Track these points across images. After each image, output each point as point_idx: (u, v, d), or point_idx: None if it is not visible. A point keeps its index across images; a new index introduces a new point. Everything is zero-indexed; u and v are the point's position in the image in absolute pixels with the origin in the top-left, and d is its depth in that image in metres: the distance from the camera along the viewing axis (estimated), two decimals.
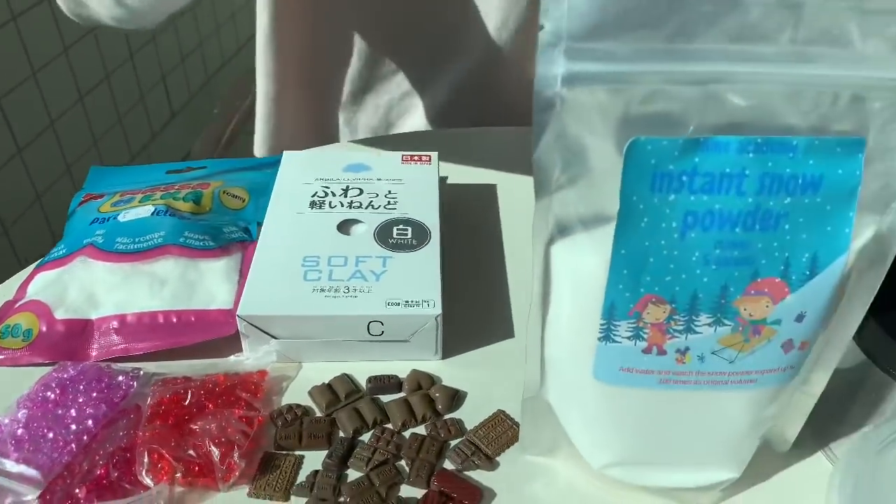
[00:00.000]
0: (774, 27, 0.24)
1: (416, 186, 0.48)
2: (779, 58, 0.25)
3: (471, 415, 0.38)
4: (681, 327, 0.29)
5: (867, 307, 0.31)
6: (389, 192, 0.47)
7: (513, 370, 0.38)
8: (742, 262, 0.28)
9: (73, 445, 0.34)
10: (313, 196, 0.46)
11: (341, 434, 0.37)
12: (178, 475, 0.34)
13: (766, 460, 0.36)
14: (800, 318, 0.29)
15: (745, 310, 0.29)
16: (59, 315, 0.41)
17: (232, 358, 0.40)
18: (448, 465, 0.36)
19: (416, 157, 0.50)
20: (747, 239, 0.27)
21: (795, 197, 0.27)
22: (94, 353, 0.40)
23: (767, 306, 0.29)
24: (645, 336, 0.29)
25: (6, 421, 0.35)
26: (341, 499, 0.34)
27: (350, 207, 0.45)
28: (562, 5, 0.24)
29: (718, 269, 0.28)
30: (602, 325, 0.29)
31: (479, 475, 0.36)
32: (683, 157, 0.26)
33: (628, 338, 0.29)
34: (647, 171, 0.26)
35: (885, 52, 0.25)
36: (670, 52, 0.24)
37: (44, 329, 0.41)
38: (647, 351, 0.30)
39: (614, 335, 0.29)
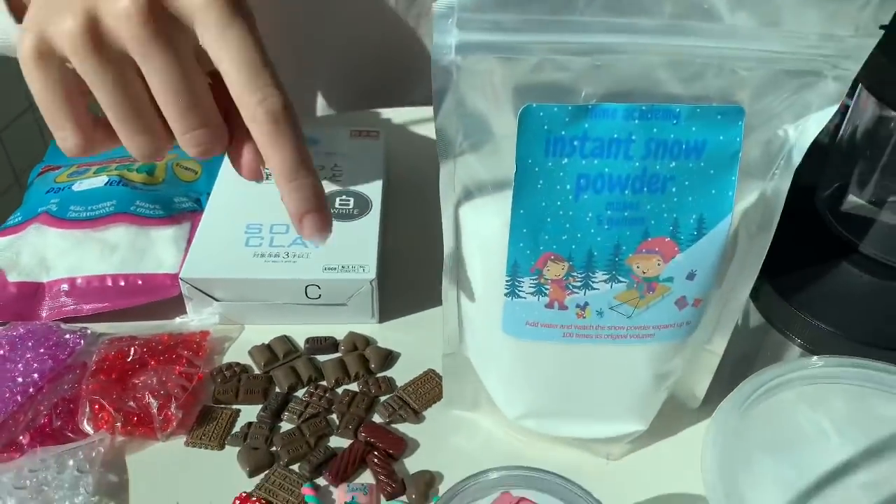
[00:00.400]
0: (653, 1, 0.27)
1: (363, 160, 0.50)
2: (657, 30, 0.27)
3: (402, 374, 0.41)
4: (579, 283, 0.31)
5: (758, 269, 0.34)
6: (336, 165, 0.49)
7: None
8: (633, 222, 0.30)
9: (19, 397, 0.37)
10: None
11: (277, 390, 0.40)
12: (119, 425, 0.36)
13: (678, 415, 0.39)
14: (691, 276, 0.32)
15: (637, 267, 0.31)
16: (12, 278, 0.43)
17: (177, 320, 0.43)
18: (377, 418, 0.39)
19: (364, 133, 0.53)
20: (637, 201, 0.30)
21: (680, 161, 0.29)
22: (44, 314, 0.42)
23: (659, 264, 0.31)
24: (546, 292, 0.32)
25: None
26: (272, 448, 0.37)
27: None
28: None
29: (611, 229, 0.30)
30: (507, 281, 0.32)
31: (405, 428, 0.38)
32: (574, 123, 0.28)
33: (531, 293, 0.32)
34: (540, 136, 0.29)
35: (754, 26, 0.27)
36: (556, 24, 0.27)
37: None
38: (549, 306, 0.32)
39: (519, 291, 0.32)
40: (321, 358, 0.41)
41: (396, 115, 0.62)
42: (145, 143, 0.32)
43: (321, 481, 0.35)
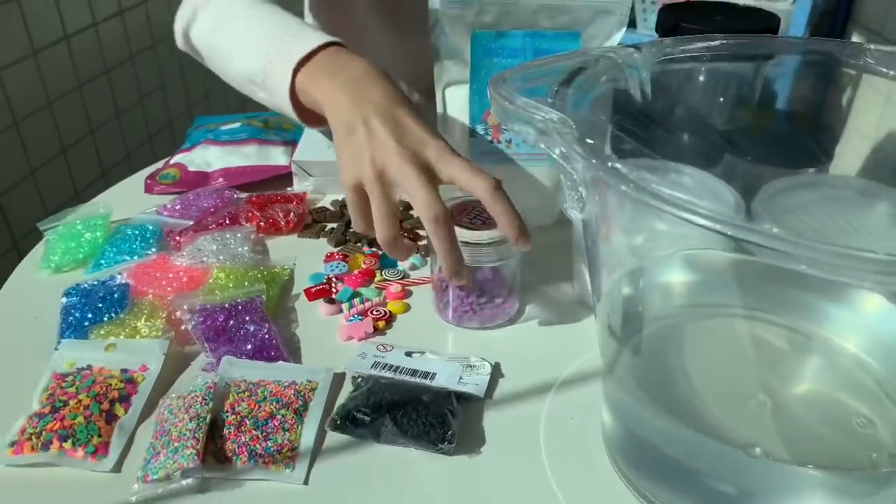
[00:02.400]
0: None
1: None
2: None
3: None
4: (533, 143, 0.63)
5: None
6: None
7: None
8: None
9: (210, 208, 0.69)
10: None
11: (345, 216, 0.72)
12: (261, 224, 0.68)
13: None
14: None
15: None
16: (192, 168, 0.77)
17: (288, 189, 0.75)
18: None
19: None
20: None
21: (566, 54, 0.62)
22: (212, 186, 0.75)
23: None
24: (490, 132, 0.64)
25: (177, 206, 0.70)
26: (346, 238, 0.68)
27: None
28: None
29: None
30: (471, 127, 0.64)
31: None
32: (497, 40, 0.62)
33: (482, 133, 0.64)
34: (480, 47, 0.62)
35: None
36: None
37: (182, 175, 0.76)
38: (491, 141, 0.64)
39: (476, 133, 0.64)
40: None
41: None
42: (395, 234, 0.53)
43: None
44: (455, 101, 0.65)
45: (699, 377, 0.46)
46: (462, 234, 0.54)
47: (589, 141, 0.34)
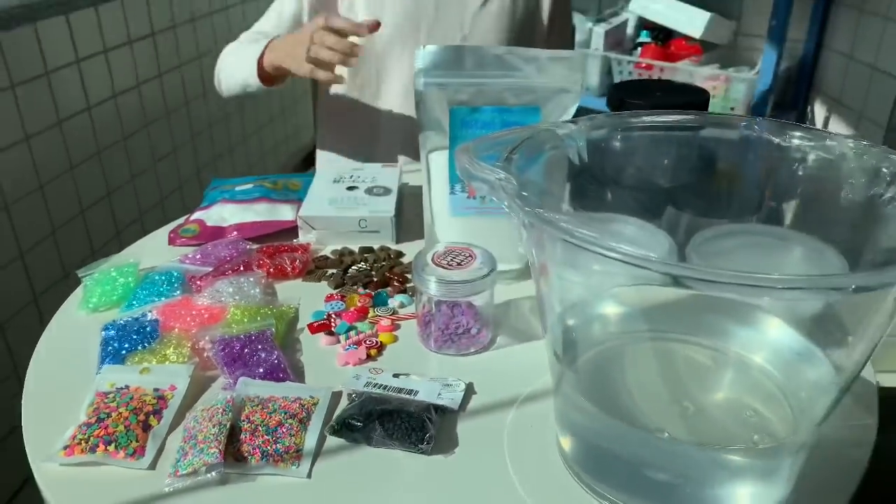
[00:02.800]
0: (499, 66, 0.74)
1: (387, 176, 0.96)
2: (502, 76, 0.74)
3: (411, 254, 0.84)
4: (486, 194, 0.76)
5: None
6: (374, 177, 0.95)
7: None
8: None
9: (219, 263, 0.81)
10: (336, 180, 0.95)
11: (344, 263, 0.83)
12: (271, 270, 0.80)
13: None
14: None
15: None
16: (210, 224, 0.89)
17: (294, 241, 0.87)
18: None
19: (388, 165, 0.99)
20: None
21: (516, 126, 0.74)
22: (228, 238, 0.87)
23: None
24: (466, 190, 0.76)
25: (198, 256, 0.82)
26: (343, 282, 0.79)
27: (352, 181, 0.94)
28: (422, 60, 0.74)
29: (493, 158, 0.75)
30: (450, 186, 0.76)
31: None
32: (471, 115, 0.74)
33: (460, 191, 0.76)
34: (457, 120, 0.74)
35: (541, 74, 0.73)
36: (459, 75, 0.74)
37: (202, 230, 0.88)
38: (468, 197, 0.76)
39: (454, 190, 0.76)
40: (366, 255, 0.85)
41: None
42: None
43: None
44: (437, 164, 0.77)
45: (633, 389, 0.56)
46: (441, 273, 0.66)
47: (524, 193, 0.46)
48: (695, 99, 0.80)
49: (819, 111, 1.89)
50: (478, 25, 1.16)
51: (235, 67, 1.15)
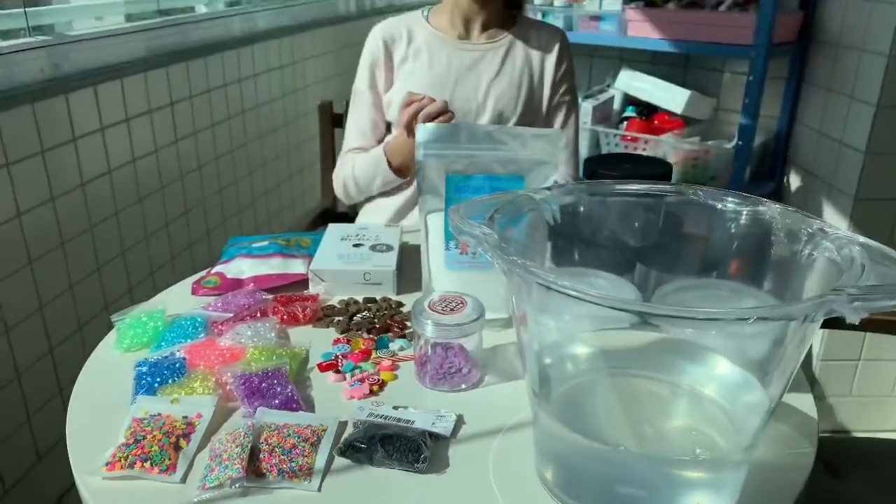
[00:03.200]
0: (488, 140, 0.86)
1: (389, 234, 1.08)
2: (492, 149, 0.86)
3: (410, 304, 0.94)
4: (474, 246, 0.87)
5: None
6: (377, 236, 1.07)
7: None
8: None
9: (238, 310, 0.91)
10: (343, 238, 1.06)
11: (349, 312, 0.93)
12: (284, 317, 0.90)
13: None
14: None
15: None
16: (229, 276, 0.99)
17: (305, 291, 0.98)
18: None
19: (391, 225, 1.11)
20: None
21: (502, 191, 0.86)
22: (246, 289, 0.98)
23: None
24: (459, 247, 0.87)
25: (219, 304, 0.93)
26: (349, 328, 0.90)
27: (358, 239, 1.05)
28: (422, 134, 0.86)
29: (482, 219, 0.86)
30: (445, 243, 0.87)
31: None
32: (464, 181, 0.86)
33: (454, 248, 0.87)
34: (452, 185, 0.86)
35: (524, 147, 0.86)
36: (455, 147, 0.86)
37: (222, 281, 0.99)
38: (461, 253, 0.87)
39: (449, 246, 0.87)
40: (369, 304, 0.95)
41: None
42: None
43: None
44: (434, 224, 0.89)
45: (599, 415, 0.66)
46: (436, 317, 0.76)
47: (503, 245, 0.57)
48: (659, 170, 0.92)
49: (794, 181, 2.03)
50: (490, 96, 1.36)
51: (362, 178, 1.40)
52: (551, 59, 1.41)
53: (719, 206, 0.71)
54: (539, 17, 2.14)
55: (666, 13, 1.94)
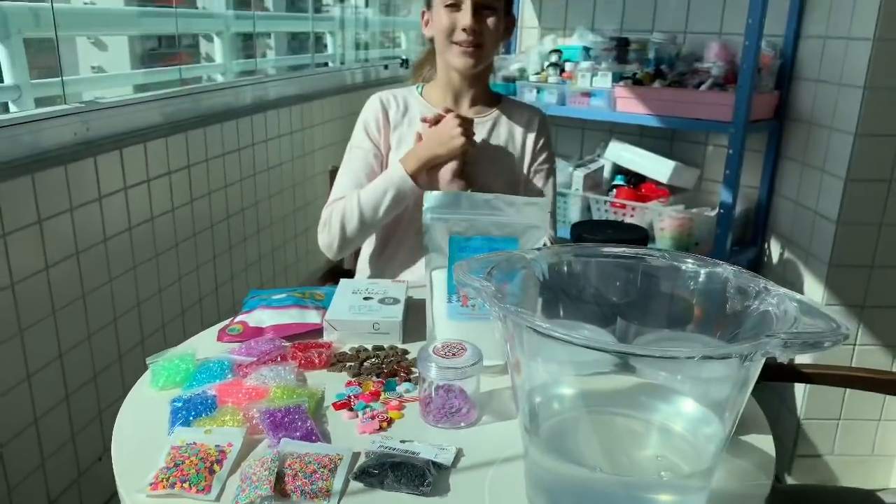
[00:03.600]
0: (486, 205, 0.99)
1: (396, 289, 1.20)
2: (489, 215, 0.99)
3: (414, 352, 1.06)
4: (473, 297, 0.99)
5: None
6: (385, 290, 1.19)
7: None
8: None
9: (260, 355, 1.02)
10: (354, 292, 1.18)
11: (361, 358, 1.05)
12: (301, 362, 1.01)
13: None
14: None
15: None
16: (251, 325, 1.11)
17: (319, 339, 1.09)
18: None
19: (397, 281, 1.23)
20: None
21: (498, 251, 0.99)
22: (266, 336, 1.09)
23: None
24: (460, 300, 0.99)
25: (243, 349, 1.04)
26: (360, 372, 1.01)
27: (367, 293, 1.17)
28: (429, 201, 0.99)
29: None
30: (448, 296, 0.99)
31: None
32: (465, 241, 0.99)
33: (455, 301, 0.99)
34: (455, 245, 0.99)
35: (518, 213, 0.99)
36: (456, 211, 0.99)
37: (245, 329, 1.10)
38: (462, 305, 0.99)
39: (451, 300, 0.99)
40: (378, 352, 1.07)
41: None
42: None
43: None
44: (438, 279, 1.01)
45: (581, 445, 0.77)
46: (439, 361, 0.88)
47: (498, 295, 0.69)
48: (636, 235, 1.05)
49: (774, 248, 2.17)
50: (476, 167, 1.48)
51: (370, 199, 1.44)
52: (531, 134, 1.56)
53: (683, 267, 0.84)
54: (534, 93, 2.32)
55: (652, 91, 2.11)
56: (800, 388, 2.01)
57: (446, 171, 1.40)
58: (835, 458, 2.04)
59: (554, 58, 2.35)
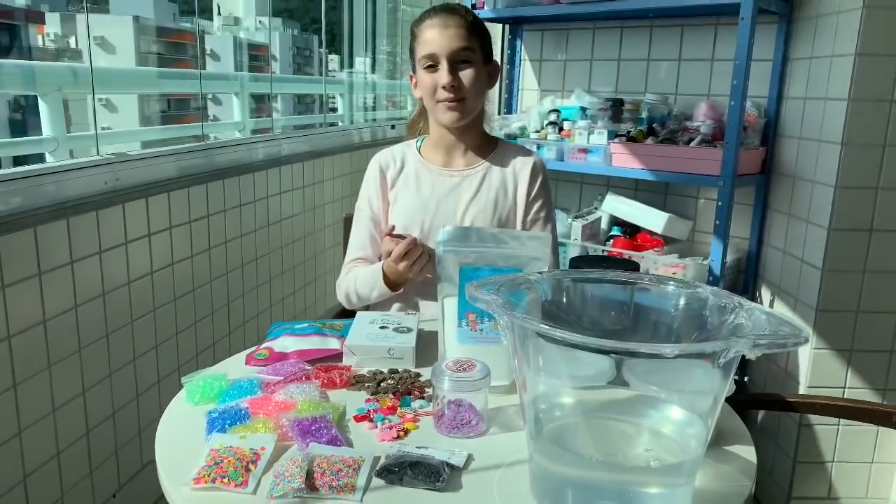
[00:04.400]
0: (493, 239, 1.11)
1: (409, 320, 1.31)
2: (496, 247, 1.11)
3: (426, 375, 1.16)
4: (480, 321, 1.10)
5: None
6: (399, 321, 1.30)
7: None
8: None
9: (292, 372, 1.13)
10: (371, 322, 1.29)
11: (378, 379, 1.15)
12: (323, 381, 1.11)
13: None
14: None
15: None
16: (277, 350, 1.22)
17: (339, 363, 1.19)
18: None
19: (410, 313, 1.34)
20: None
21: (506, 275, 1.10)
22: (290, 360, 1.19)
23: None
24: (470, 324, 1.10)
25: (270, 371, 1.14)
26: (377, 392, 1.11)
27: (383, 323, 1.28)
28: (442, 235, 1.11)
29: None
30: (458, 322, 1.10)
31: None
32: (474, 272, 1.11)
33: (465, 325, 1.10)
34: (465, 275, 1.11)
35: (518, 246, 1.11)
36: (465, 245, 1.11)
37: (270, 354, 1.21)
38: (471, 329, 1.10)
39: (461, 324, 1.11)
40: (393, 374, 1.17)
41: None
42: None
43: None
44: (449, 306, 1.12)
45: (579, 442, 0.87)
46: (451, 374, 0.98)
47: (506, 307, 0.80)
48: (631, 268, 1.16)
49: (765, 295, 2.28)
50: (468, 216, 1.60)
51: (363, 290, 1.61)
52: (524, 180, 1.64)
53: (669, 289, 0.95)
54: (535, 148, 2.47)
55: (645, 147, 2.26)
56: (794, 430, 2.09)
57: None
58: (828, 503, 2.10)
59: (553, 117, 2.52)
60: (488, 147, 1.69)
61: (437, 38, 1.53)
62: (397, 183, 1.68)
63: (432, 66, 1.55)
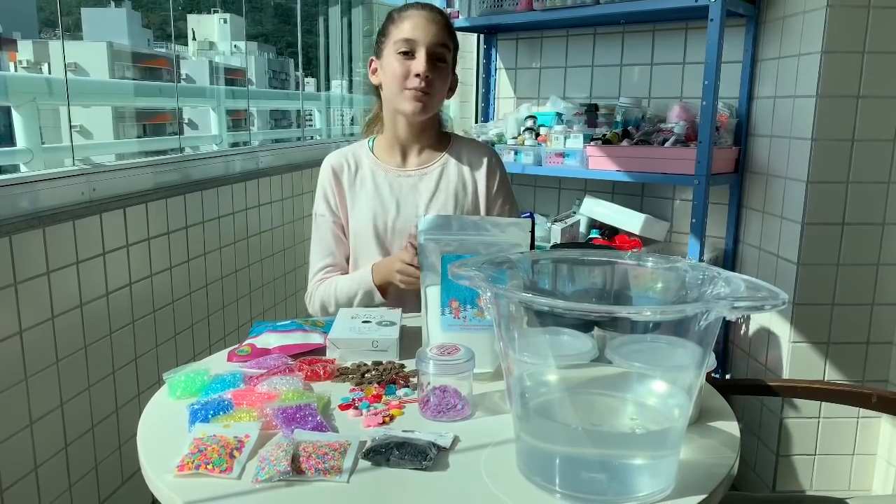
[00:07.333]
0: (474, 227, 1.12)
1: (392, 314, 1.31)
2: (479, 235, 1.12)
3: (410, 366, 1.16)
4: (462, 308, 1.10)
5: None
6: (382, 315, 1.30)
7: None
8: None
9: (275, 366, 1.12)
10: (353, 317, 1.29)
11: (361, 371, 1.15)
12: (306, 373, 1.11)
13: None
14: None
15: (482, 301, 1.10)
16: (259, 346, 1.21)
17: (323, 356, 1.19)
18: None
19: (392, 308, 1.34)
20: None
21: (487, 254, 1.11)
22: (273, 355, 1.19)
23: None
24: (453, 312, 1.10)
25: (253, 364, 1.14)
26: (361, 381, 1.11)
27: (366, 317, 1.28)
28: (423, 224, 1.12)
29: (470, 290, 1.10)
30: (441, 309, 1.11)
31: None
32: (457, 259, 1.11)
33: (448, 313, 1.11)
34: (447, 263, 1.11)
35: (498, 233, 1.12)
36: (446, 233, 1.12)
37: (253, 350, 1.20)
38: (454, 317, 1.10)
39: (444, 312, 1.11)
40: (377, 366, 1.17)
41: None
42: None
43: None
44: (432, 294, 1.12)
45: (565, 414, 0.87)
46: (436, 358, 0.99)
47: (488, 281, 0.81)
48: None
49: None
50: (429, 213, 1.60)
51: (344, 293, 1.58)
52: (482, 178, 1.66)
53: (649, 265, 0.96)
54: (512, 154, 2.49)
55: (621, 149, 2.30)
56: (776, 424, 2.10)
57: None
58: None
59: (529, 123, 2.54)
60: (442, 143, 1.70)
61: (421, 26, 1.54)
62: (354, 185, 1.66)
63: (407, 54, 1.54)
